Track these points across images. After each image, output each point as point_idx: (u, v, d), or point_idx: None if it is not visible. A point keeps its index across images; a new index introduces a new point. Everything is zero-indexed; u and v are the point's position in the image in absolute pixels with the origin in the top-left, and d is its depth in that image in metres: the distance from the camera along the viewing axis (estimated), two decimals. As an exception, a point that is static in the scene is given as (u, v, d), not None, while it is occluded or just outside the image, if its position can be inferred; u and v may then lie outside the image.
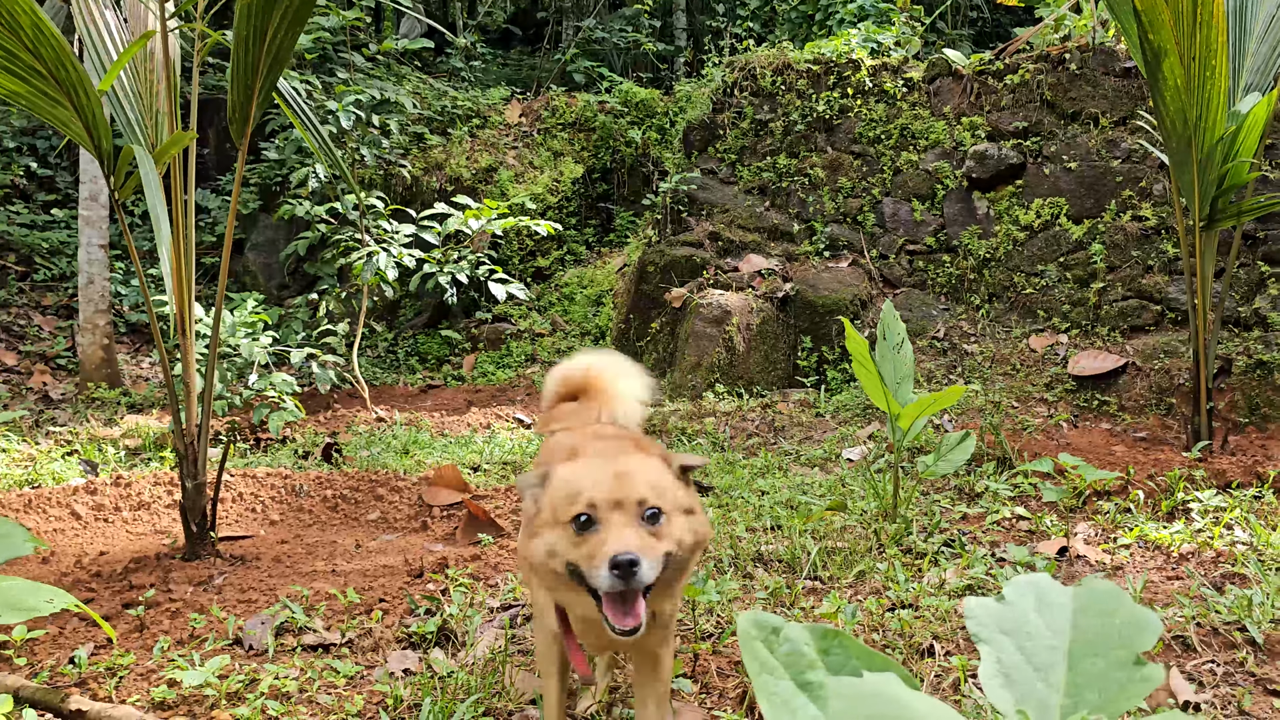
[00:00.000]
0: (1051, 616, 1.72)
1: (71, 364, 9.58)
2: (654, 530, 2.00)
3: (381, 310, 11.00)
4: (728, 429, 7.46)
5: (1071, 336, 8.08)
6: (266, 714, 2.83)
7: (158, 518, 5.38)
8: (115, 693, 2.97)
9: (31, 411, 8.39)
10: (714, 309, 8.84)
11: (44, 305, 10.56)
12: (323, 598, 3.73)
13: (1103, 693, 1.57)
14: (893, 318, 4.70)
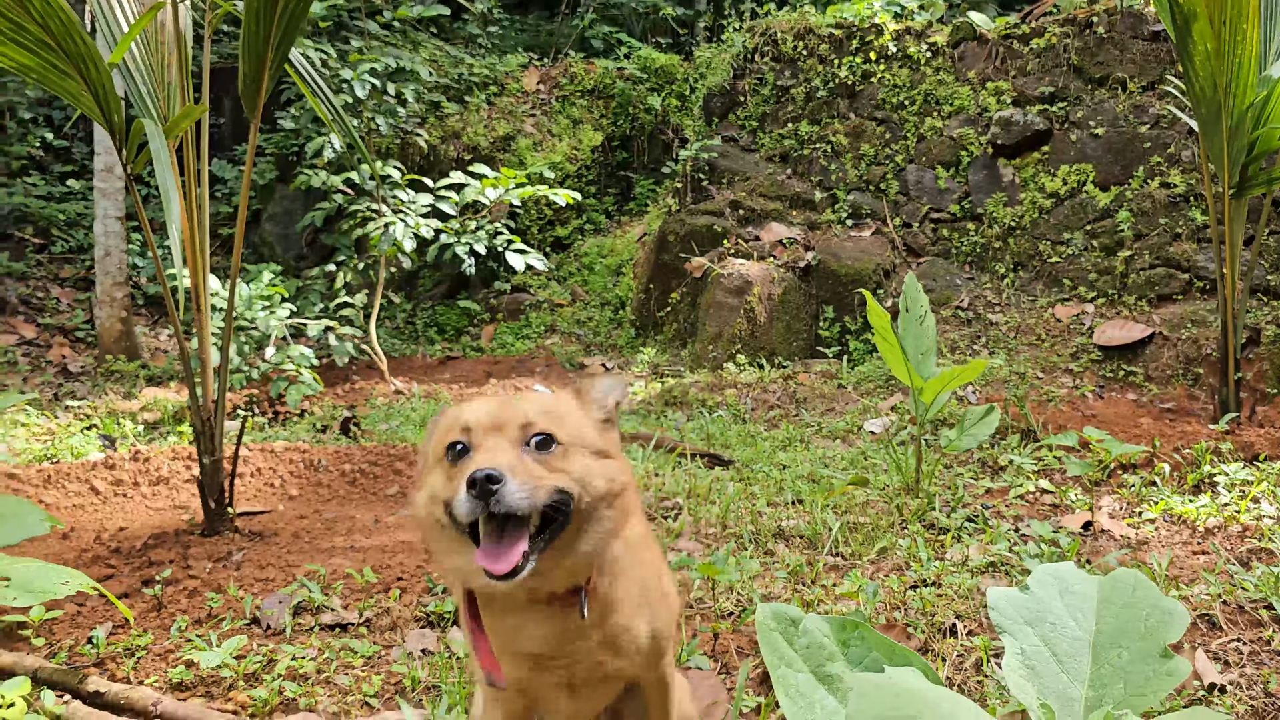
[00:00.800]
0: (1076, 607, 1.67)
1: (90, 336, 9.61)
2: (543, 459, 1.67)
3: (399, 281, 10.98)
4: (749, 400, 7.40)
5: (1098, 306, 7.96)
6: (284, 696, 2.82)
7: (176, 493, 5.39)
8: (133, 673, 2.97)
9: (51, 384, 8.43)
10: (735, 279, 8.76)
11: (62, 277, 10.60)
12: (340, 576, 3.71)
13: (1128, 685, 1.52)
14: (915, 290, 4.62)
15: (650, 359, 8.90)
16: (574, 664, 1.83)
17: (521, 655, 1.82)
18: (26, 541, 4.36)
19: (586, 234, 11.57)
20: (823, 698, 1.59)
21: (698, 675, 2.82)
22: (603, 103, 12.39)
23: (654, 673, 2.06)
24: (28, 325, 9.64)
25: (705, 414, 7.10)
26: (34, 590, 2.53)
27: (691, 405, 7.42)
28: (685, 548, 4.02)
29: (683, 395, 7.64)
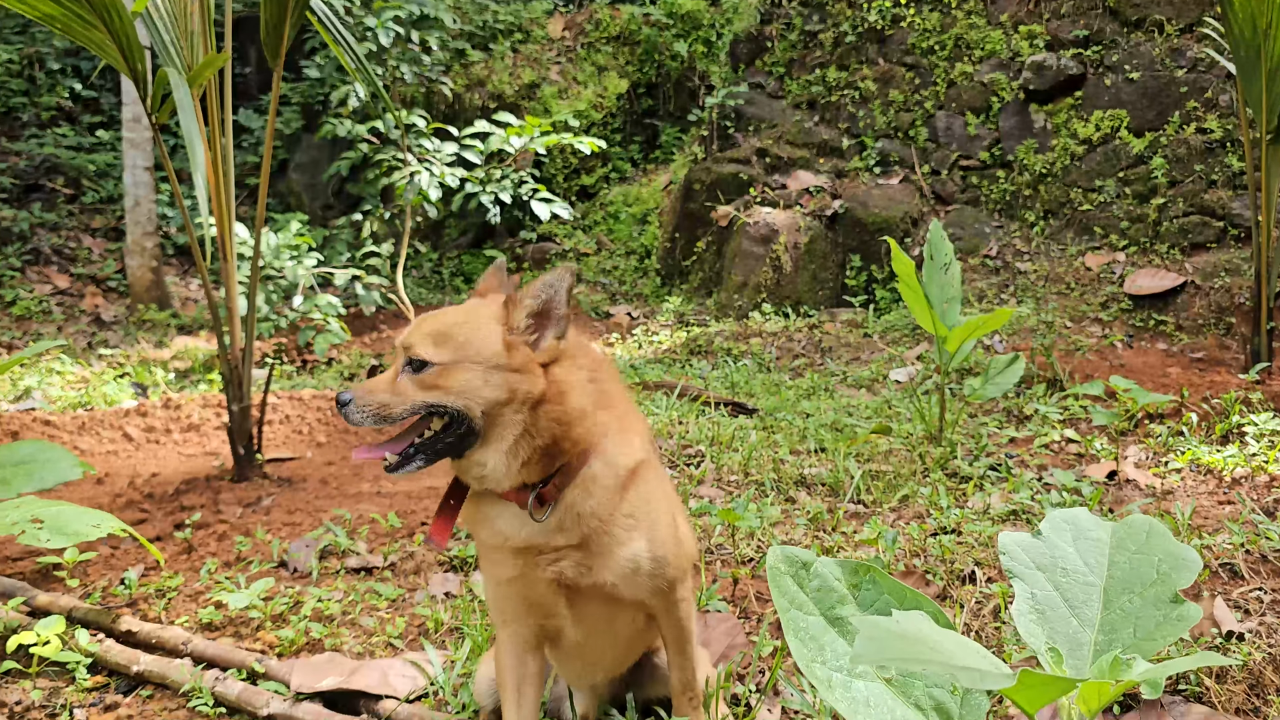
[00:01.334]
0: (1088, 552, 1.67)
1: (122, 286, 9.72)
2: (417, 379, 1.87)
3: (425, 230, 10.99)
4: (774, 349, 7.39)
5: (1129, 254, 7.85)
6: (310, 636, 2.88)
7: (207, 439, 5.48)
8: (164, 614, 3.05)
9: (84, 333, 8.55)
10: (761, 227, 8.70)
11: (93, 228, 10.69)
12: (366, 521, 3.77)
13: (1138, 630, 1.52)
14: (940, 238, 4.57)
15: (675, 308, 8.89)
16: (558, 561, 1.95)
17: (508, 550, 1.97)
18: (62, 486, 4.45)
19: (612, 182, 11.51)
20: (832, 640, 1.61)
21: (716, 618, 2.85)
22: (628, 49, 12.25)
23: (668, 612, 2.11)
24: (61, 275, 9.76)
25: (730, 363, 7.10)
26: (67, 532, 2.59)
27: (716, 354, 7.42)
28: (707, 494, 4.04)
29: (708, 344, 7.64)
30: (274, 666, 2.61)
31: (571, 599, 2.02)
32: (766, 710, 2.47)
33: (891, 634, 1.30)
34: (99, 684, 2.69)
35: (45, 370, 6.97)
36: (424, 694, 2.58)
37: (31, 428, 5.24)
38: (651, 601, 2.07)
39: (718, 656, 2.63)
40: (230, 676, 2.58)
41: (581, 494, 1.93)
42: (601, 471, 1.95)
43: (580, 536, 1.94)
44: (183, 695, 2.60)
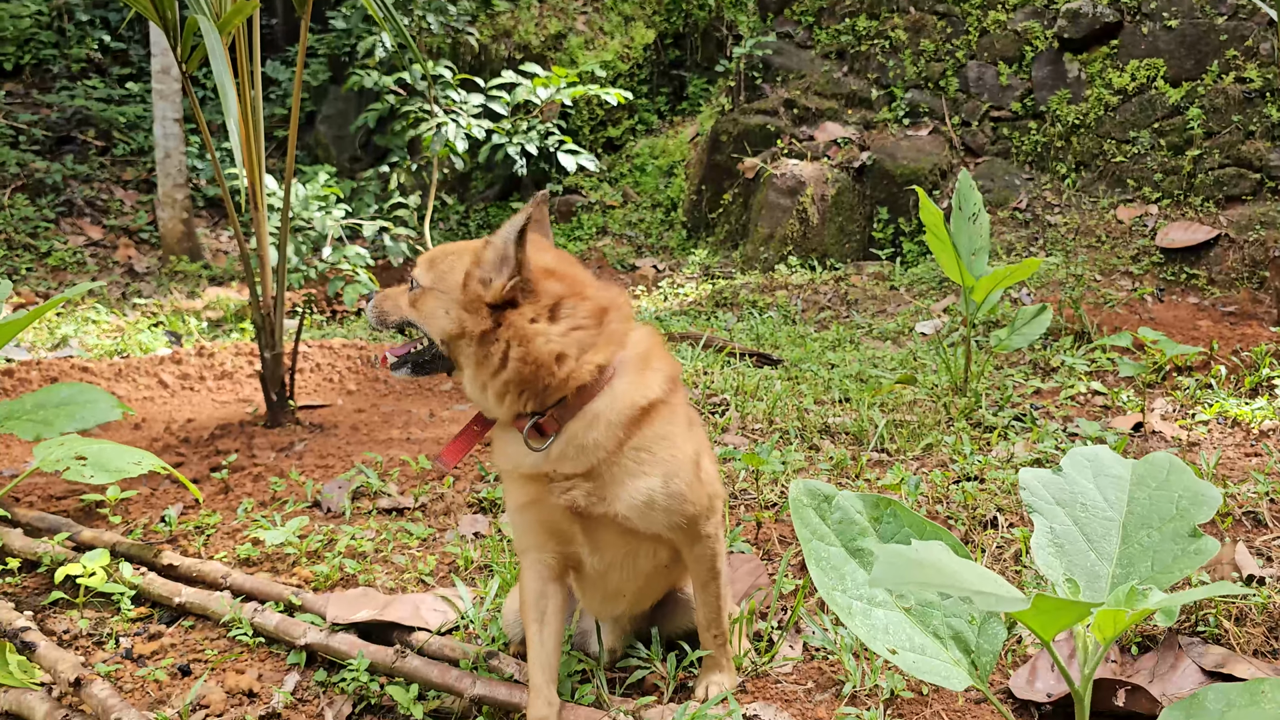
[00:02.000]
0: (1108, 488, 1.70)
1: (154, 238, 9.82)
2: (410, 295, 2.12)
3: (452, 182, 11.00)
4: (799, 302, 7.39)
5: (1162, 207, 7.76)
6: (344, 571, 2.96)
7: (240, 387, 5.57)
8: (203, 549, 3.14)
9: (118, 284, 8.67)
10: (788, 179, 8.66)
11: (124, 180, 10.78)
12: (396, 464, 3.85)
13: (1155, 564, 1.55)
14: (969, 187, 4.55)
15: (701, 260, 8.89)
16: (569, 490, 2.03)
17: (519, 476, 2.08)
18: (102, 431, 4.57)
19: (638, 134, 11.45)
20: (853, 570, 1.65)
21: (739, 559, 2.91)
22: (656, -1, 12.12)
23: (692, 548, 2.16)
24: (94, 227, 9.87)
25: (755, 315, 7.11)
26: (109, 469, 2.67)
27: (742, 306, 7.43)
28: (731, 441, 4.08)
29: (733, 296, 7.65)
30: (310, 599, 2.69)
31: (587, 528, 2.09)
32: (788, 646, 2.53)
33: (909, 561, 1.34)
34: (143, 615, 2.78)
35: (81, 319, 7.09)
36: (455, 627, 2.65)
37: (70, 374, 5.35)
38: (672, 537, 2.12)
39: (740, 595, 2.69)
40: (268, 608, 2.67)
41: (584, 427, 2.00)
42: (607, 407, 2.01)
43: (587, 466, 2.01)
44: (223, 625, 2.68)
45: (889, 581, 1.28)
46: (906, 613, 1.63)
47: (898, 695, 2.27)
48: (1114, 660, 2.42)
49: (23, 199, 9.73)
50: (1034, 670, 2.34)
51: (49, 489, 3.68)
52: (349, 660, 2.41)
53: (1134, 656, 2.44)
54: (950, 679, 1.54)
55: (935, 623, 1.62)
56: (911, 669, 1.54)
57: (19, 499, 3.54)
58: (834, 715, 2.20)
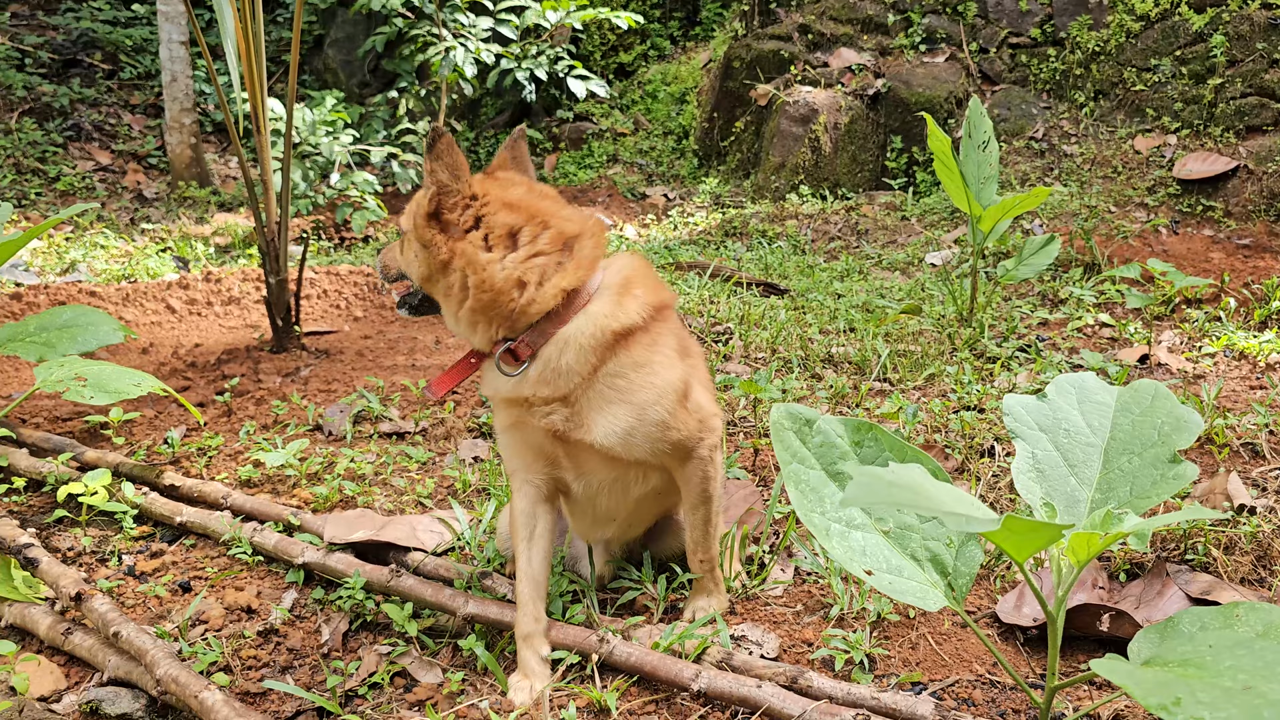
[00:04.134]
0: (1092, 414, 1.70)
1: (162, 163, 9.78)
2: (398, 244, 2.24)
3: (462, 109, 10.89)
4: (809, 231, 7.33)
5: (1181, 137, 7.62)
6: (343, 493, 3.00)
7: (247, 312, 5.59)
8: (205, 470, 3.18)
9: (127, 209, 8.66)
10: (800, 107, 8.53)
11: (132, 104, 10.71)
12: (399, 389, 3.87)
13: (1134, 488, 1.55)
14: (979, 114, 4.48)
15: (712, 189, 8.81)
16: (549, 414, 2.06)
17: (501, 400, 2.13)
18: (110, 355, 4.60)
19: (650, 60, 11.28)
20: (832, 493, 1.66)
21: (735, 485, 2.93)
22: (670, -81, 11.83)
23: (682, 471, 2.17)
24: (102, 151, 9.83)
25: (765, 244, 7.07)
26: (109, 390, 2.69)
27: (751, 236, 7.38)
28: (734, 370, 4.09)
29: (743, 226, 7.59)
30: (309, 520, 2.73)
31: (569, 452, 2.12)
32: (779, 570, 2.56)
33: (884, 481, 1.34)
34: (145, 533, 2.83)
35: (90, 244, 7.10)
36: (451, 548, 2.69)
37: (78, 298, 5.37)
38: (660, 463, 2.13)
39: (735, 520, 2.71)
40: (267, 528, 2.71)
41: (556, 351, 2.03)
42: (578, 331, 2.02)
43: (563, 391, 2.03)
44: (223, 544, 2.73)
45: (862, 500, 1.29)
46: (885, 535, 1.64)
47: (884, 618, 2.30)
48: (1101, 587, 2.44)
49: (30, 123, 9.68)
50: (1021, 595, 2.36)
51: (55, 411, 3.72)
52: (345, 579, 2.45)
53: (1121, 583, 2.46)
54: (926, 600, 1.56)
55: (913, 546, 1.64)
56: (888, 589, 1.55)
57: (25, 420, 3.59)
58: (820, 636, 2.23)
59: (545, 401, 2.05)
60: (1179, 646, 1.43)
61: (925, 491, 1.33)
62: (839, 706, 1.90)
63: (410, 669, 2.24)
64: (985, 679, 2.12)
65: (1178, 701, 1.19)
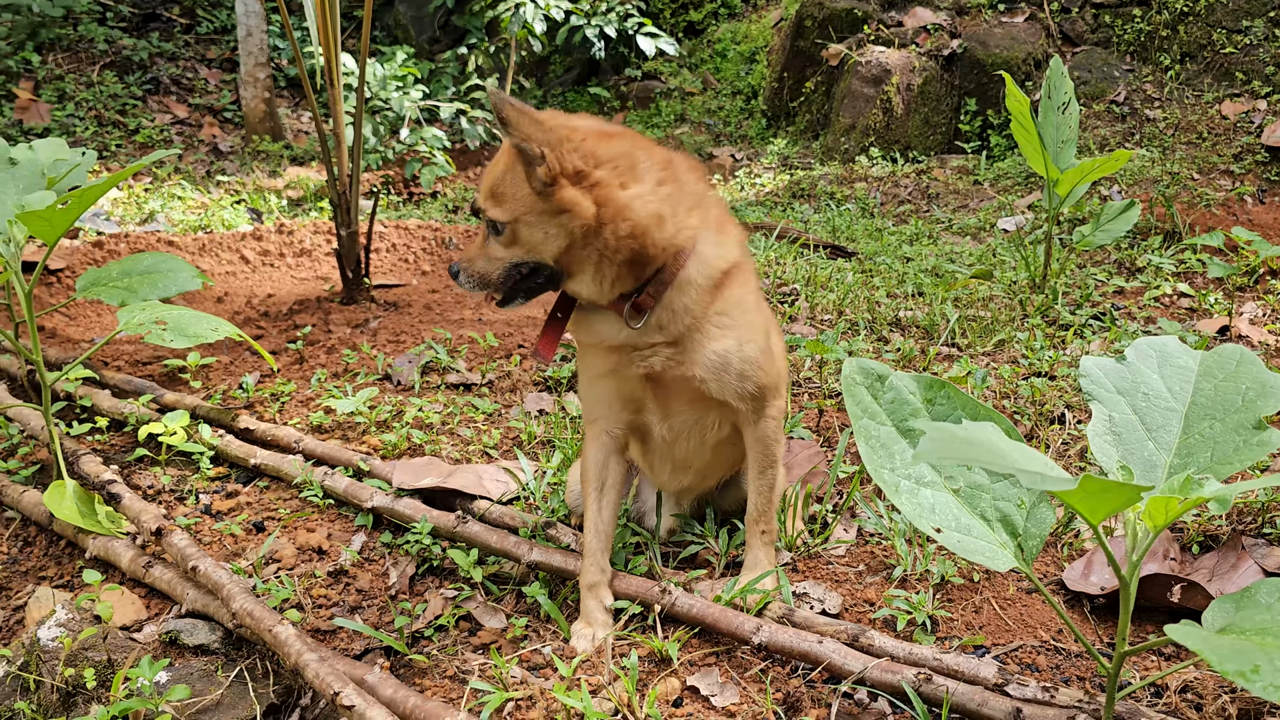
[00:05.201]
0: (1172, 378, 1.66)
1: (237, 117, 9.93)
2: (499, 240, 1.97)
3: (530, 66, 10.87)
4: (878, 194, 7.23)
5: (1271, 103, 7.34)
6: (411, 441, 3.05)
7: (318, 264, 5.68)
8: (278, 416, 3.25)
9: (203, 162, 8.82)
10: (873, 67, 8.38)
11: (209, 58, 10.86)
12: (466, 341, 3.91)
13: (1215, 454, 1.52)
14: (1060, 75, 4.35)
15: (780, 150, 8.71)
16: (650, 356, 2.03)
17: (605, 347, 2.06)
18: (187, 304, 4.71)
19: (720, 18, 11.13)
20: (903, 450, 1.64)
21: (799, 444, 2.92)
22: (744, -125, 11.62)
23: (755, 424, 2.16)
24: (180, 105, 10.00)
25: (833, 207, 6.98)
26: (187, 334, 2.75)
27: (819, 198, 7.30)
28: (799, 331, 4.06)
29: (811, 187, 7.51)
30: (377, 466, 2.79)
31: (659, 394, 2.10)
32: (842, 529, 2.55)
33: (956, 437, 1.32)
34: (220, 474, 2.91)
35: (168, 195, 7.25)
36: (515, 498, 2.73)
37: (156, 247, 5.50)
38: (738, 406, 2.11)
39: (799, 478, 2.71)
40: (338, 473, 2.77)
41: (677, 294, 1.98)
42: (696, 272, 1.99)
43: (677, 334, 2.00)
44: (295, 487, 2.80)
45: (934, 456, 1.27)
46: (955, 494, 1.62)
47: (948, 580, 2.29)
48: (1173, 558, 2.40)
49: (111, 76, 9.88)
50: (1089, 563, 2.33)
51: (135, 355, 3.83)
52: (413, 524, 2.50)
53: (1194, 555, 2.41)
54: (995, 559, 1.54)
55: (983, 505, 1.62)
56: (956, 548, 1.54)
57: (108, 363, 3.70)
58: (882, 596, 2.23)
59: (651, 345, 2.02)
60: (1256, 615, 1.40)
61: (999, 449, 1.32)
62: (900, 665, 1.89)
63: (475, 613, 2.28)
64: (1050, 645, 2.10)
65: (1256, 669, 1.17)
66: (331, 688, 1.83)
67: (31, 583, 2.51)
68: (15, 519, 2.73)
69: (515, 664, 2.06)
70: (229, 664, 2.08)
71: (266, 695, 2.00)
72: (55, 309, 3.26)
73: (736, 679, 1.99)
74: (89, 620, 2.20)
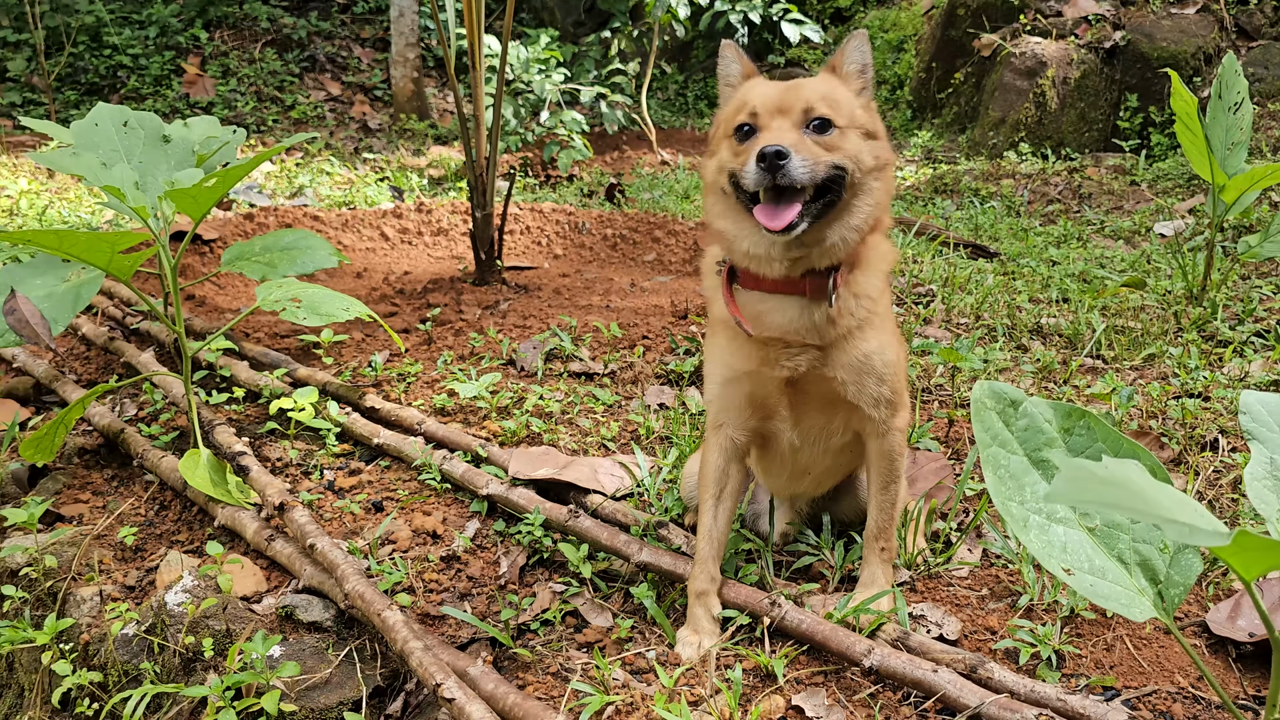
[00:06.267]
0: (1348, 421, 1.51)
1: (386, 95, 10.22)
2: (821, 140, 1.86)
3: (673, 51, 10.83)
4: (1026, 192, 6.92)
5: None
6: (530, 429, 3.06)
7: (454, 244, 5.78)
8: (403, 396, 3.31)
9: (352, 139, 9.10)
10: (1027, 59, 8.02)
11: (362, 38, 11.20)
12: (590, 330, 3.91)
13: (1394, 511, 1.37)
14: (1233, 72, 4.06)
15: (924, 143, 8.44)
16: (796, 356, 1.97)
17: (755, 344, 1.99)
18: (327, 278, 4.86)
19: (869, 5, 10.85)
20: (1034, 482, 1.54)
21: (926, 456, 2.80)
22: None
23: (881, 437, 2.08)
24: (333, 83, 10.35)
25: (976, 203, 6.72)
26: (320, 313, 2.82)
27: (962, 194, 7.04)
28: (933, 334, 3.91)
29: (954, 183, 7.25)
30: (495, 453, 2.80)
31: (795, 399, 2.05)
32: (966, 549, 2.44)
33: (1095, 477, 1.22)
34: (345, 451, 2.98)
35: (316, 170, 7.51)
36: (629, 494, 2.70)
37: (302, 221, 5.69)
38: (871, 414, 2.04)
39: (923, 493, 2.60)
40: (456, 457, 2.79)
41: (863, 277, 1.96)
42: (879, 261, 1.99)
43: (846, 329, 1.95)
44: (414, 469, 2.84)
45: (1070, 498, 1.18)
46: (1090, 533, 1.51)
47: (1078, 614, 2.16)
48: (1334, 608, 2.20)
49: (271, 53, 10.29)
50: (1237, 606, 2.16)
51: (274, 327, 3.96)
52: (526, 514, 2.50)
53: (1359, 606, 2.21)
54: (1130, 608, 1.43)
55: (1121, 547, 1.50)
56: (1088, 592, 1.43)
57: (248, 334, 3.84)
58: (1005, 625, 2.12)
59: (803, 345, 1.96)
60: None
61: (1142, 493, 1.21)
62: (1020, 703, 1.79)
63: (581, 610, 2.26)
64: (1188, 692, 1.96)
65: None
66: (434, 678, 1.84)
67: (164, 546, 2.62)
68: (154, 482, 2.86)
69: (618, 666, 2.03)
70: (339, 643, 2.12)
71: (373, 677, 2.03)
72: (206, 279, 3.40)
73: (844, 702, 1.91)
74: (213, 588, 2.28)
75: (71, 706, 2.36)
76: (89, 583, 2.46)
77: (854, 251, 1.94)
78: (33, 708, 2.53)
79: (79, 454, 3.03)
